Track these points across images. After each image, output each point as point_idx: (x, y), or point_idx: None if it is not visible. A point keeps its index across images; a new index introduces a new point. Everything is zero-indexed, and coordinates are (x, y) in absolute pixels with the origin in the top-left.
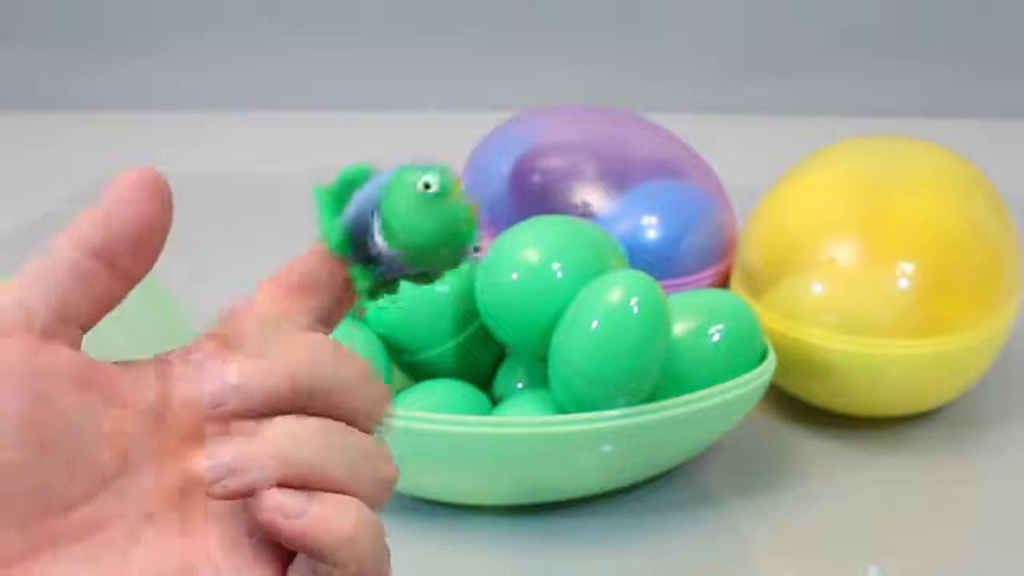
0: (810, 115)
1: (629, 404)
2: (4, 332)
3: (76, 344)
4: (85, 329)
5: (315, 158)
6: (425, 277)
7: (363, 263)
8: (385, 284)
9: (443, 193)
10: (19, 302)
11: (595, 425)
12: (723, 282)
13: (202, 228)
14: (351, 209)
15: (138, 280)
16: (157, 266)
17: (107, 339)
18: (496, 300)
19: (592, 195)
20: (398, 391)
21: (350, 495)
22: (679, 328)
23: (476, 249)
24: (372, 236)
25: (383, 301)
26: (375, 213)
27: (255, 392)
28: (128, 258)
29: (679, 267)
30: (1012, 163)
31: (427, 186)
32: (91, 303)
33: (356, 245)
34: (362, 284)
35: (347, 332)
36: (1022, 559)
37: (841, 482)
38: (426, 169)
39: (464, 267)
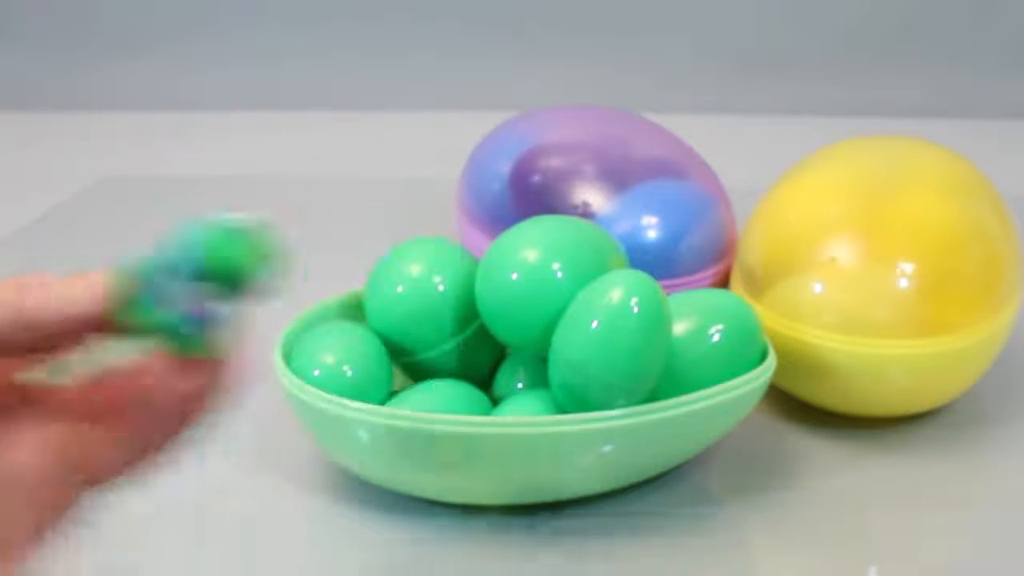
0: (810, 115)
1: (629, 404)
2: None
3: None
4: None
5: (315, 158)
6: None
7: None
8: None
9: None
10: None
11: (595, 425)
12: (723, 282)
13: None
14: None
15: None
16: None
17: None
18: (496, 300)
19: (592, 195)
20: (398, 391)
21: None
22: (679, 328)
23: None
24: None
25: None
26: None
27: None
28: None
29: (679, 267)
30: (1012, 163)
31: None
32: None
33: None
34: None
35: (349, 333)
36: (1022, 559)
37: (841, 482)
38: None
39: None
